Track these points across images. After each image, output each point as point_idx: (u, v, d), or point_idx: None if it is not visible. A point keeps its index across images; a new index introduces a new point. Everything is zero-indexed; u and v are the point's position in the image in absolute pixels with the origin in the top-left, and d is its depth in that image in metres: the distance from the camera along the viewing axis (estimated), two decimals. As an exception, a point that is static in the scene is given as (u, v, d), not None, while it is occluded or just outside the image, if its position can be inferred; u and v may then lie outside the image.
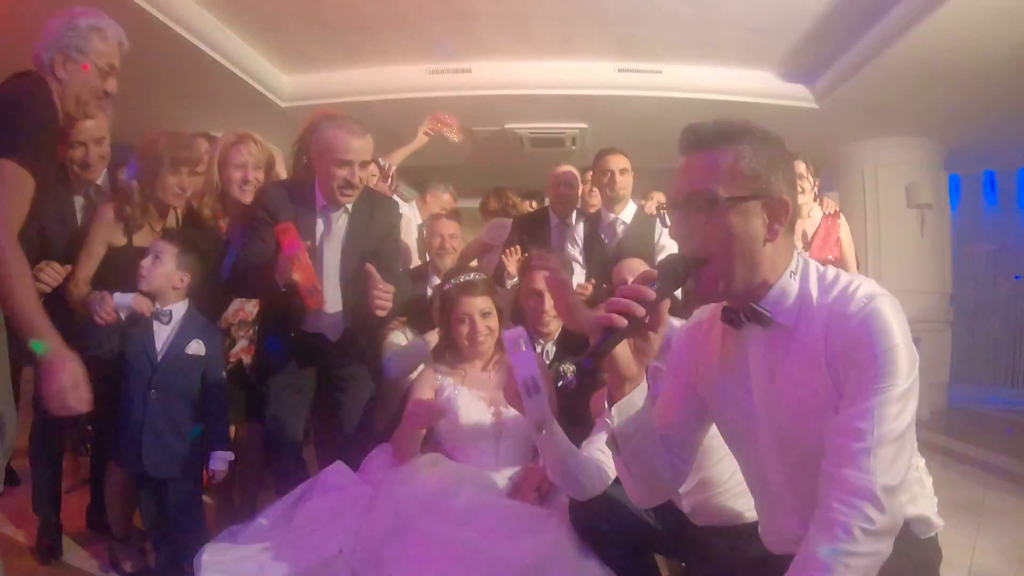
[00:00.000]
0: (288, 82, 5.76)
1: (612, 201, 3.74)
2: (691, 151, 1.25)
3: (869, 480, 1.09)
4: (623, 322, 1.17)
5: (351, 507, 2.09)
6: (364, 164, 2.50)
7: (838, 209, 3.92)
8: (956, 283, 7.07)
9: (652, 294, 1.18)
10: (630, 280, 2.53)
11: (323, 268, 2.53)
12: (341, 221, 2.57)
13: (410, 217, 4.40)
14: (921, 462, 1.36)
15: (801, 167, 3.68)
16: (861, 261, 4.90)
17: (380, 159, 3.79)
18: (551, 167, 4.21)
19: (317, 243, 2.52)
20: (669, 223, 1.32)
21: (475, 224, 5.16)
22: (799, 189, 3.64)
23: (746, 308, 1.25)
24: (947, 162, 6.99)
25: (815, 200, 3.79)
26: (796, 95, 5.67)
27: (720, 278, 1.22)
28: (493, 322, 2.46)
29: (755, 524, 1.72)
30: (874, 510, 1.08)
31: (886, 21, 4.58)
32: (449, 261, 3.55)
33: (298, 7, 4.67)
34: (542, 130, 6.31)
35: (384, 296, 2.39)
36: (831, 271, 1.26)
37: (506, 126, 6.26)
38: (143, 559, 2.55)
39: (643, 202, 3.92)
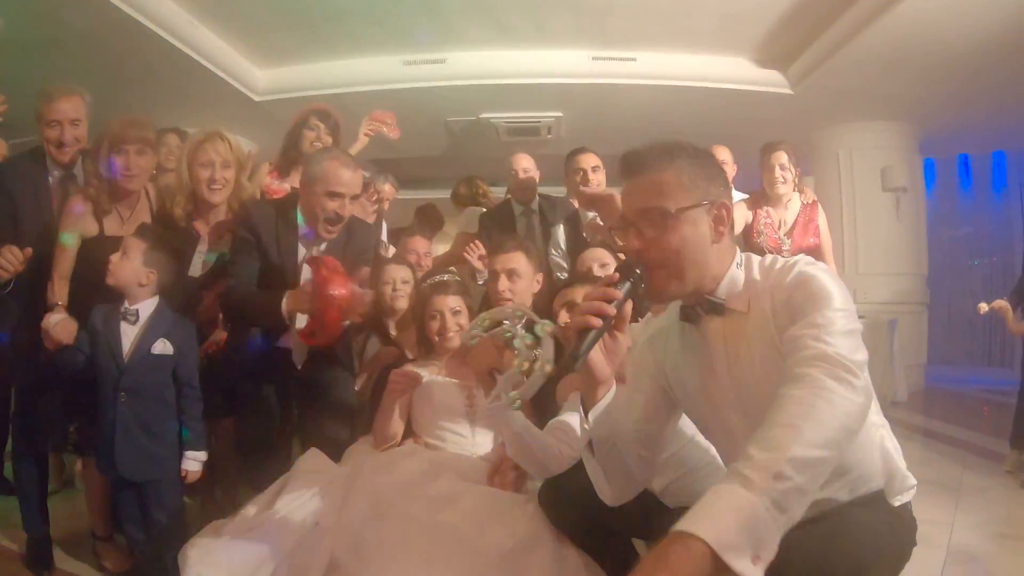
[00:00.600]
0: (261, 76, 5.73)
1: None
2: (635, 174, 1.35)
3: (830, 350, 1.12)
4: (597, 322, 1.27)
5: (328, 487, 2.10)
6: (354, 197, 2.52)
7: (816, 199, 3.95)
8: (932, 265, 7.16)
9: (619, 294, 1.29)
10: (594, 267, 2.66)
11: None
12: (321, 246, 2.56)
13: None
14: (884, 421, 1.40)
15: (783, 157, 3.68)
16: (837, 245, 4.95)
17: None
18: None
19: (297, 265, 2.53)
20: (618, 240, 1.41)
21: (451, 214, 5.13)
22: (781, 179, 3.67)
23: (702, 302, 1.36)
24: (922, 146, 7.08)
25: (795, 189, 3.80)
26: (771, 81, 5.72)
27: (671, 279, 1.32)
28: (463, 319, 2.55)
29: None
30: (841, 371, 1.09)
31: (859, 6, 4.62)
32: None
33: (269, 0, 4.65)
34: (517, 119, 6.32)
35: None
36: (769, 258, 1.38)
37: (481, 116, 6.26)
38: (126, 558, 2.51)
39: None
